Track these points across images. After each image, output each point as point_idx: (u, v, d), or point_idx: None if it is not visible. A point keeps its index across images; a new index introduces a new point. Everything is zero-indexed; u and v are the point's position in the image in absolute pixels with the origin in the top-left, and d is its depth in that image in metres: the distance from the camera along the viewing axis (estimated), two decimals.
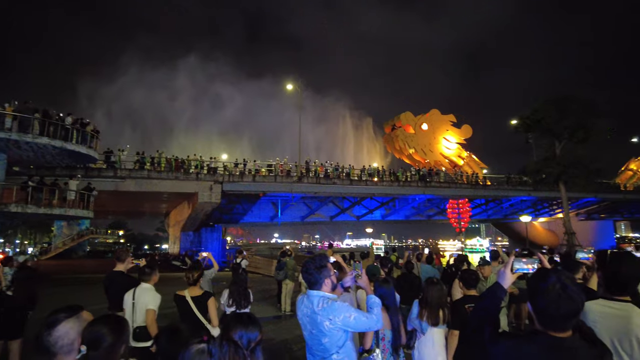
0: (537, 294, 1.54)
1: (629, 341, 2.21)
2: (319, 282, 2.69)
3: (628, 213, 52.22)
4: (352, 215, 37.18)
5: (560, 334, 1.53)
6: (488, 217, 44.40)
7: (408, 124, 41.71)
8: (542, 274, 1.60)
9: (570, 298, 1.48)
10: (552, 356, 1.49)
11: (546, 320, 1.53)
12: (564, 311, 1.48)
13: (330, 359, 2.65)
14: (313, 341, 2.67)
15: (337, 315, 2.54)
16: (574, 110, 20.34)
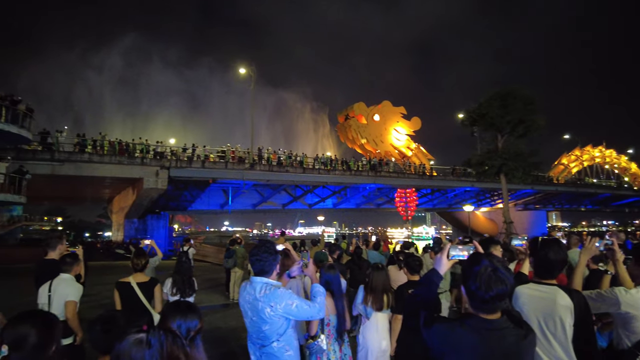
0: (470, 277, 1.60)
1: (553, 321, 2.38)
2: (266, 269, 2.67)
3: (559, 204, 56.55)
4: (305, 204, 37.35)
5: (490, 316, 1.61)
6: (434, 206, 46.38)
7: (361, 114, 42.21)
8: (475, 258, 1.67)
9: (500, 280, 1.56)
10: (483, 337, 1.56)
11: (478, 302, 1.60)
12: (494, 292, 1.55)
13: (270, 347, 2.63)
14: (253, 328, 2.65)
15: (278, 303, 2.55)
16: (516, 106, 21.53)
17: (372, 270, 3.87)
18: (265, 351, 2.63)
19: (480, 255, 1.68)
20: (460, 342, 1.58)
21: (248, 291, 2.67)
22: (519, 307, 2.50)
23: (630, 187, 60.77)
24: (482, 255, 1.67)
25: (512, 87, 22.07)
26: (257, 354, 2.68)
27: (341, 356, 3.50)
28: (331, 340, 3.46)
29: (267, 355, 2.64)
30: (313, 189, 34.59)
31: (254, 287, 2.63)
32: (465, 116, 23.92)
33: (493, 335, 1.55)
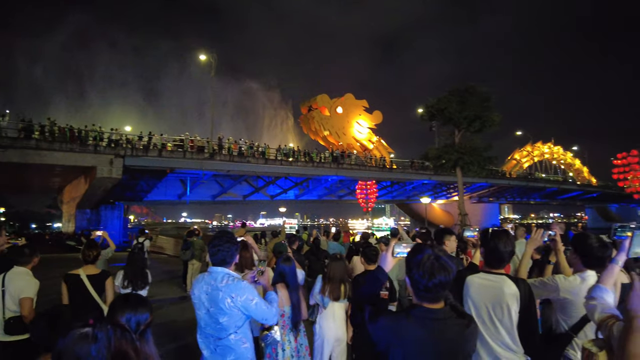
0: (414, 266, 1.64)
1: (500, 308, 2.50)
2: (227, 259, 2.64)
3: (511, 197, 59.38)
4: (266, 195, 37.05)
5: (434, 305, 1.65)
6: (393, 198, 47.40)
7: (324, 106, 42.24)
8: (418, 248, 1.71)
9: (443, 268, 1.60)
10: (426, 327, 1.60)
11: (422, 291, 1.63)
12: (438, 280, 1.60)
13: (227, 340, 2.58)
14: (209, 320, 2.59)
15: (240, 295, 2.52)
16: (473, 103, 22.28)
17: (330, 261, 3.91)
18: (222, 344, 2.58)
19: (424, 245, 1.73)
20: (405, 334, 1.61)
21: (206, 281, 2.61)
22: (469, 295, 2.61)
23: (574, 182, 64.89)
24: (425, 245, 1.72)
25: (470, 84, 22.79)
26: (212, 347, 2.62)
27: (297, 346, 3.52)
28: (286, 331, 3.48)
29: (223, 348, 2.59)
30: (275, 180, 34.36)
31: (214, 277, 2.58)
32: (425, 111, 24.47)
33: (437, 325, 1.59)
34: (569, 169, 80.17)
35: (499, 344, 2.49)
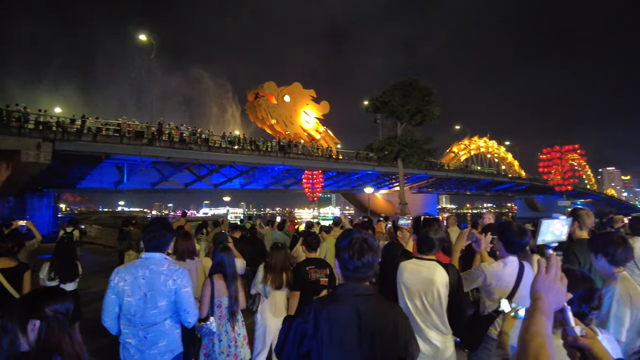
0: (343, 248, 1.70)
1: (431, 292, 2.63)
2: (161, 246, 2.66)
3: (449, 188, 62.48)
4: (210, 184, 36.06)
5: (359, 284, 1.71)
6: (338, 188, 48.12)
7: (271, 93, 41.69)
8: (347, 232, 1.78)
9: (371, 248, 1.69)
10: (350, 302, 1.65)
11: (350, 271, 1.69)
12: (366, 260, 1.67)
13: (162, 325, 2.59)
14: (144, 306, 2.56)
15: (179, 278, 2.61)
16: (415, 96, 23.06)
17: (272, 250, 3.90)
18: (155, 330, 2.58)
19: (351, 229, 1.79)
20: (331, 310, 1.64)
21: (143, 266, 2.61)
22: (402, 280, 2.72)
23: (506, 175, 69.58)
24: (353, 230, 1.78)
25: (413, 78, 23.52)
26: (141, 335, 2.57)
27: (234, 336, 3.49)
28: (223, 322, 3.44)
29: (156, 334, 2.58)
30: (219, 168, 33.43)
31: (152, 262, 2.61)
32: (370, 103, 24.99)
33: (361, 300, 1.65)
34: (502, 163, 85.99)
35: (430, 326, 2.63)
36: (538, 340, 1.03)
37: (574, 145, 26.70)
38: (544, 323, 1.07)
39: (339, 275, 1.76)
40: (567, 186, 26.88)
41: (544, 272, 1.18)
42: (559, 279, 1.16)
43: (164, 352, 2.61)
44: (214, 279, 3.47)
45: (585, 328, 1.25)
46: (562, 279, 1.17)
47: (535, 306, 1.13)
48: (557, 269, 1.18)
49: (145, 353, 2.57)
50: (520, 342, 1.08)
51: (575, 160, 29.50)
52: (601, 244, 2.44)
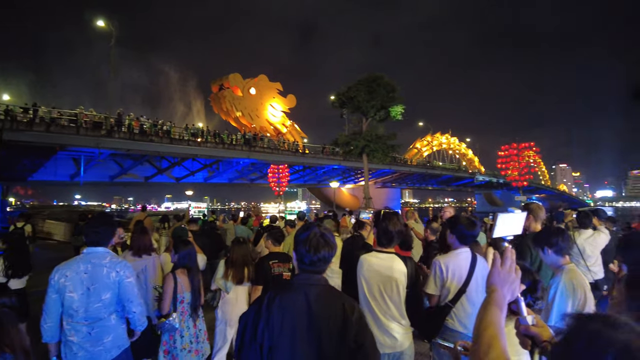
0: (301, 242, 1.71)
1: (390, 284, 2.67)
2: (100, 240, 2.67)
3: (411, 183, 63.87)
4: (172, 177, 35.04)
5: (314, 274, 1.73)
6: (304, 182, 48.12)
7: (236, 86, 40.94)
8: (306, 226, 1.79)
9: (327, 243, 1.71)
10: (304, 291, 1.65)
11: (306, 265, 1.71)
12: (322, 254, 1.69)
13: (108, 320, 2.57)
14: (87, 301, 2.53)
15: (124, 270, 2.64)
16: (380, 93, 23.36)
17: (233, 245, 3.84)
18: (100, 325, 2.54)
19: (310, 223, 1.81)
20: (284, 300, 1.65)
21: (85, 261, 2.59)
22: (362, 273, 2.75)
23: (466, 170, 71.90)
24: (312, 224, 1.80)
25: (378, 75, 23.82)
26: (84, 331, 2.52)
27: (195, 332, 3.44)
28: (185, 318, 3.37)
29: (101, 330, 2.55)
30: (181, 161, 32.50)
31: (95, 256, 2.61)
32: (336, 98, 25.10)
33: (312, 290, 1.67)
34: (463, 159, 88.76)
35: (389, 317, 2.68)
36: (491, 330, 1.06)
37: (530, 143, 27.97)
38: (497, 315, 1.11)
39: (296, 268, 1.76)
40: (523, 182, 28.16)
41: (499, 265, 1.21)
42: (513, 272, 1.20)
43: (110, 348, 2.57)
44: (177, 274, 3.40)
45: (536, 317, 1.30)
46: (517, 271, 1.21)
47: (489, 298, 1.17)
48: (512, 262, 1.21)
49: (89, 350, 2.50)
50: (475, 332, 1.10)
51: (531, 157, 30.92)
52: (545, 237, 2.59)
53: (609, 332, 0.56)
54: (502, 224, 1.64)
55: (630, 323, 0.58)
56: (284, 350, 1.57)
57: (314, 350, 1.57)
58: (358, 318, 1.65)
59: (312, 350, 1.57)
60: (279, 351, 1.57)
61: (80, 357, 2.50)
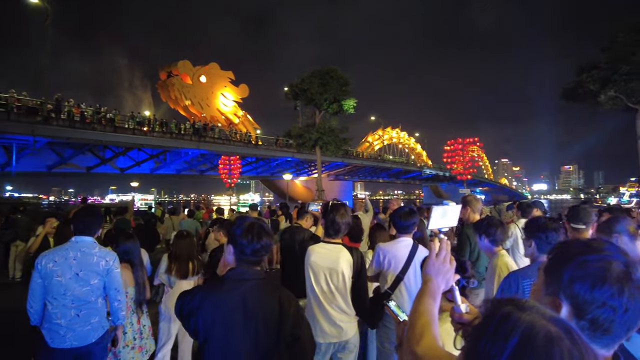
0: (240, 234, 1.71)
1: (336, 274, 2.72)
2: (88, 230, 2.80)
3: (363, 175, 65.12)
4: (116, 167, 33.29)
5: (252, 267, 1.74)
6: (257, 174, 47.59)
7: (186, 73, 39.47)
8: (243, 218, 1.81)
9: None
10: (237, 287, 1.66)
11: (247, 255, 1.71)
12: (264, 242, 1.72)
13: (96, 303, 2.73)
14: (76, 284, 2.65)
15: (112, 260, 2.81)
16: (333, 86, 23.49)
17: (176, 239, 3.74)
18: (89, 307, 2.69)
19: (245, 216, 1.83)
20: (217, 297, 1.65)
21: (74, 248, 2.71)
22: (309, 263, 2.78)
23: (415, 164, 74.40)
24: (246, 217, 1.84)
25: (331, 68, 23.92)
26: (72, 314, 2.64)
27: (139, 328, 3.33)
28: (128, 313, 3.25)
29: (89, 311, 2.70)
30: (126, 151, 30.90)
31: (84, 245, 2.74)
32: (289, 90, 24.93)
33: (248, 285, 1.68)
34: (412, 153, 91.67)
35: (334, 307, 2.73)
36: (424, 318, 1.10)
37: (474, 138, 29.44)
38: (430, 304, 1.15)
39: (232, 261, 1.74)
40: (467, 175, 29.61)
41: (434, 255, 1.26)
42: (447, 262, 1.25)
43: (97, 327, 2.75)
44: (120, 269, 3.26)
45: (469, 305, 1.38)
46: (451, 261, 1.26)
47: (424, 287, 1.22)
48: (446, 253, 1.26)
49: (77, 331, 2.65)
50: (409, 320, 1.15)
51: (475, 152, 32.56)
52: (484, 226, 2.81)
53: (517, 314, 0.60)
54: (437, 216, 1.72)
55: (537, 306, 0.64)
56: (216, 345, 1.57)
57: (250, 345, 1.58)
58: (295, 311, 1.67)
59: (247, 345, 1.58)
60: (211, 345, 1.57)
61: (68, 338, 2.63)
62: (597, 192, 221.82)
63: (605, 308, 0.80)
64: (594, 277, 0.82)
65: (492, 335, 0.59)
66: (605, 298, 0.80)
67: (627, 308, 0.79)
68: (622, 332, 0.82)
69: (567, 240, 0.95)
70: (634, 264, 0.83)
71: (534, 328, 0.57)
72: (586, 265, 0.83)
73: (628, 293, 0.80)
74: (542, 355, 0.55)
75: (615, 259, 0.83)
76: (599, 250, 0.86)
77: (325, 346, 2.72)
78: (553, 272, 0.89)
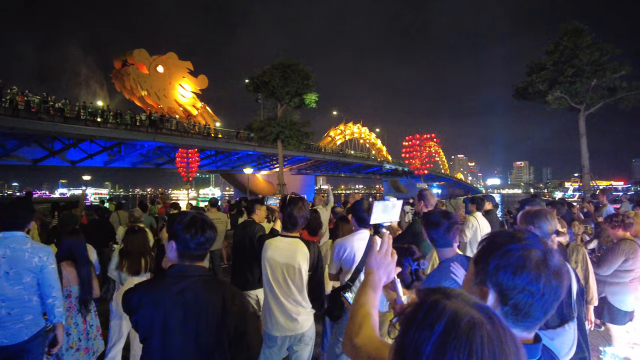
0: (182, 229, 1.68)
1: (293, 268, 2.72)
2: (18, 224, 2.66)
3: (325, 170, 65.56)
4: (66, 160, 31.59)
5: (194, 263, 1.72)
6: (217, 168, 46.66)
7: (142, 62, 37.98)
8: (183, 213, 1.79)
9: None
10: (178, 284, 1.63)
11: (191, 249, 1.69)
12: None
13: (30, 301, 2.59)
14: (7, 283, 2.52)
15: (47, 256, 2.65)
16: (295, 79, 23.33)
17: (127, 234, 3.59)
18: (22, 305, 2.57)
19: (186, 211, 1.84)
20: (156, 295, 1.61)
21: (1, 245, 2.55)
22: (266, 257, 2.76)
23: (375, 159, 75.67)
24: (187, 212, 1.80)
25: (293, 61, 23.73)
26: (3, 313, 2.52)
27: (86, 328, 3.18)
28: (72, 313, 3.10)
29: (23, 309, 2.58)
30: (77, 143, 29.33)
31: (14, 240, 2.59)
32: (249, 82, 24.53)
33: (190, 282, 1.65)
34: (372, 148, 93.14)
35: (291, 301, 2.73)
36: (364, 309, 1.13)
37: (432, 134, 30.32)
38: (371, 295, 1.18)
39: (174, 258, 1.71)
40: (424, 170, 30.48)
41: (376, 249, 1.28)
42: (389, 255, 1.27)
43: (30, 325, 2.62)
44: (62, 267, 3.11)
45: (411, 296, 1.41)
46: (393, 254, 1.29)
47: (366, 280, 1.24)
48: (387, 247, 1.28)
49: (10, 328, 2.53)
50: (350, 311, 1.16)
51: (432, 148, 33.55)
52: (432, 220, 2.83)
53: (444, 302, 0.63)
54: (378, 211, 1.75)
55: (463, 293, 0.67)
56: (156, 343, 1.54)
57: (190, 343, 1.56)
58: (239, 307, 1.66)
59: (187, 343, 1.56)
60: (151, 344, 1.54)
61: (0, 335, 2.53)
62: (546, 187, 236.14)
63: (525, 293, 0.87)
64: (515, 265, 0.88)
65: (420, 323, 0.62)
66: (525, 284, 0.87)
67: (544, 292, 0.87)
68: (541, 314, 0.89)
69: (494, 232, 1.02)
70: (550, 252, 0.91)
71: (458, 315, 0.60)
72: (509, 255, 0.90)
73: (544, 278, 0.87)
74: (465, 340, 0.57)
75: (534, 247, 0.91)
76: (521, 240, 0.93)
77: (281, 339, 2.71)
78: (481, 262, 0.95)
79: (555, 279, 0.88)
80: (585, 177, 22.23)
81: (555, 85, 20.48)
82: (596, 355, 3.74)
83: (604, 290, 3.59)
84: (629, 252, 3.43)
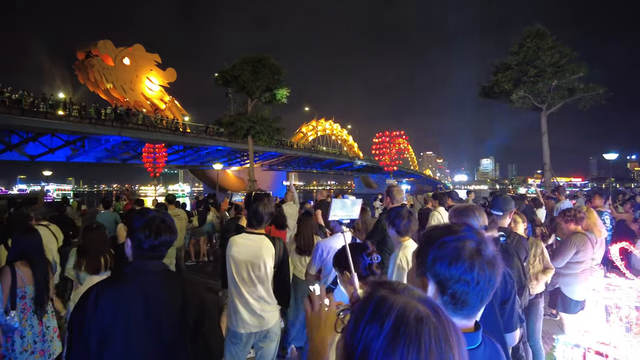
0: (138, 229, 1.65)
1: (258, 265, 2.71)
2: None
3: (297, 166, 65.51)
4: (25, 155, 30.16)
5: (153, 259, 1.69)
6: (185, 163, 45.74)
7: (107, 54, 36.66)
8: (143, 211, 1.75)
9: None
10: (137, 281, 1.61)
11: (146, 250, 1.65)
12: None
13: None
14: None
15: None
16: (265, 74, 23.06)
17: (86, 231, 3.47)
18: None
19: (147, 208, 1.81)
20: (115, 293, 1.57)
21: None
22: (231, 254, 2.73)
23: (347, 155, 76.20)
24: (150, 209, 1.78)
25: (263, 55, 23.44)
26: None
27: (41, 330, 3.06)
28: (27, 315, 2.97)
29: None
30: (37, 136, 28.06)
31: None
32: (219, 76, 24.09)
33: (149, 278, 1.62)
34: (344, 144, 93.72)
35: (256, 297, 2.72)
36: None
37: (401, 131, 30.77)
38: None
39: (130, 255, 1.67)
40: (393, 167, 30.93)
41: (309, 310, 1.11)
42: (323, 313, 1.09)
43: None
44: (16, 267, 2.96)
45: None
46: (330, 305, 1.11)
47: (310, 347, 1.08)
48: (319, 303, 1.11)
49: None
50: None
51: (402, 145, 34.03)
52: (392, 217, 2.92)
53: (392, 297, 0.65)
54: (336, 208, 1.77)
55: (409, 287, 0.69)
56: (116, 342, 1.49)
57: (152, 338, 1.53)
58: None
59: (149, 338, 1.53)
60: (110, 344, 1.48)
61: None
62: (511, 183, 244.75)
63: (461, 282, 0.91)
64: (450, 256, 0.93)
65: (369, 318, 0.63)
66: (460, 273, 0.91)
67: (479, 281, 0.91)
68: (477, 302, 0.93)
69: (433, 226, 1.06)
70: (484, 242, 0.96)
71: (406, 310, 0.62)
72: (445, 246, 0.94)
73: (478, 267, 0.91)
74: (414, 334, 0.59)
75: (469, 238, 0.95)
76: (456, 232, 0.97)
77: (246, 336, 2.70)
78: (421, 255, 0.99)
79: (489, 268, 0.92)
80: (546, 173, 23.11)
81: (520, 85, 21.22)
82: (550, 343, 3.92)
83: (557, 281, 3.77)
84: (580, 245, 3.63)
